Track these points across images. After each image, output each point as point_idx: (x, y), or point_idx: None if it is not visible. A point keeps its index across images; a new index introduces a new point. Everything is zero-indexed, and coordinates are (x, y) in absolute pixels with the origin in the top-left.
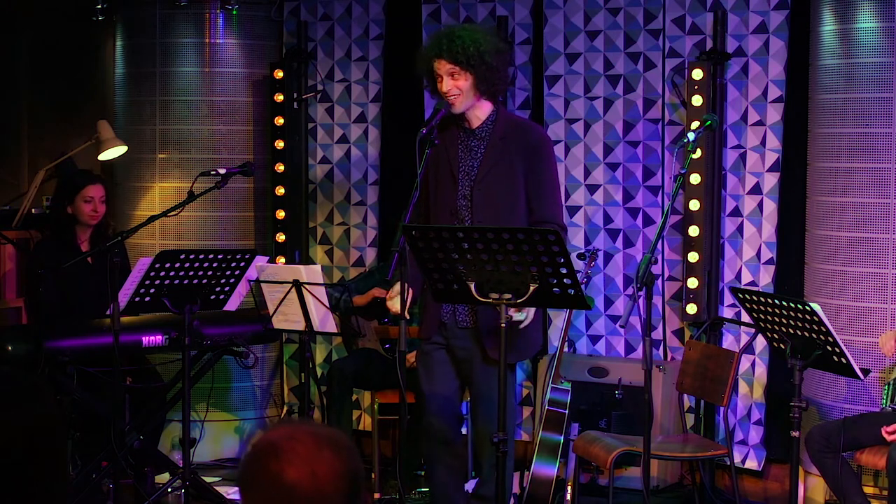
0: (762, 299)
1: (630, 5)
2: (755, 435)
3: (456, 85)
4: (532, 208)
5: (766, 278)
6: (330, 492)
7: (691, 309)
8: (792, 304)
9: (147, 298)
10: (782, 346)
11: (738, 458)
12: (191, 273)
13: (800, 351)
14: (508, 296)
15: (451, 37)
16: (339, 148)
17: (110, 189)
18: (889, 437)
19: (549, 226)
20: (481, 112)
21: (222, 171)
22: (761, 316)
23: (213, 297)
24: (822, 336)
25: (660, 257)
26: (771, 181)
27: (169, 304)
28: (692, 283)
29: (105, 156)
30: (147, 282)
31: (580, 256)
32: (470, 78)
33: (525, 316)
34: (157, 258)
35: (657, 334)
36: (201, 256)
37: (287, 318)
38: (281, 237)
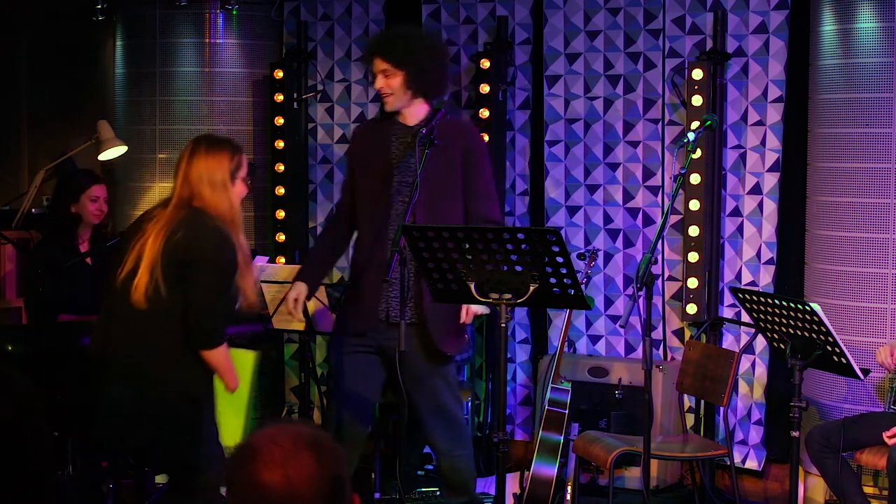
0: (762, 299)
1: (630, 5)
2: (755, 435)
3: (388, 83)
4: (469, 207)
5: (766, 278)
6: (305, 495)
7: (691, 309)
8: (792, 304)
9: None
10: (782, 346)
11: (738, 458)
12: None
13: (800, 351)
14: (508, 296)
15: (388, 37)
16: (339, 148)
17: (111, 189)
18: (890, 442)
19: (487, 223)
20: (418, 111)
21: None
22: (761, 316)
23: None
24: (822, 336)
25: (660, 257)
26: (771, 181)
27: None
28: (692, 283)
29: (105, 156)
30: None
31: (580, 256)
32: (401, 77)
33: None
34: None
35: (657, 334)
36: None
37: (287, 318)
38: (281, 237)
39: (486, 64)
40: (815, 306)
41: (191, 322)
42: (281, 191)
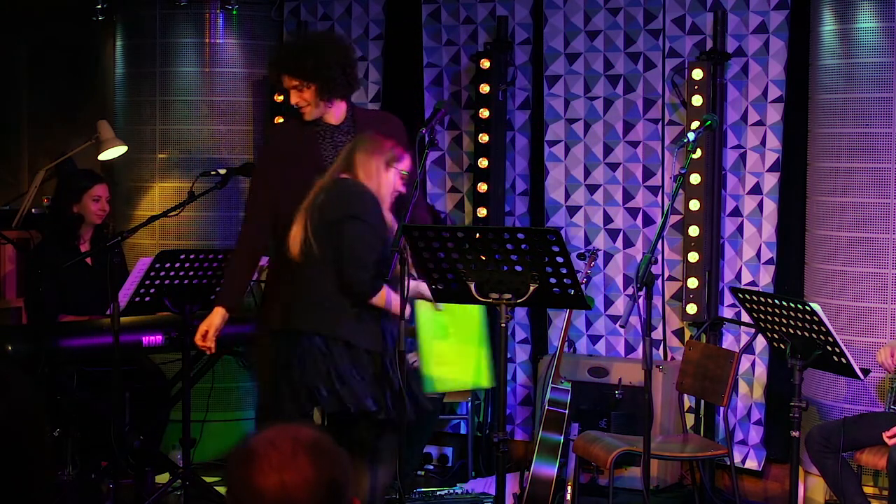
0: (762, 299)
1: (630, 5)
2: (755, 435)
3: (301, 97)
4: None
5: (766, 278)
6: (301, 500)
7: (691, 309)
8: (792, 304)
9: (147, 298)
10: (782, 346)
11: (738, 458)
12: (191, 273)
13: (800, 351)
14: (508, 296)
15: (293, 52)
16: None
17: (111, 189)
18: (890, 442)
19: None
20: (338, 111)
21: (222, 171)
22: (761, 316)
23: (213, 297)
24: (822, 336)
25: (660, 257)
26: (771, 181)
27: (169, 304)
28: (692, 283)
29: (105, 156)
30: (147, 282)
31: (580, 256)
32: (313, 90)
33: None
34: (157, 258)
35: (657, 334)
36: (201, 256)
37: None
38: None
39: (486, 64)
40: (815, 306)
41: (345, 277)
42: None
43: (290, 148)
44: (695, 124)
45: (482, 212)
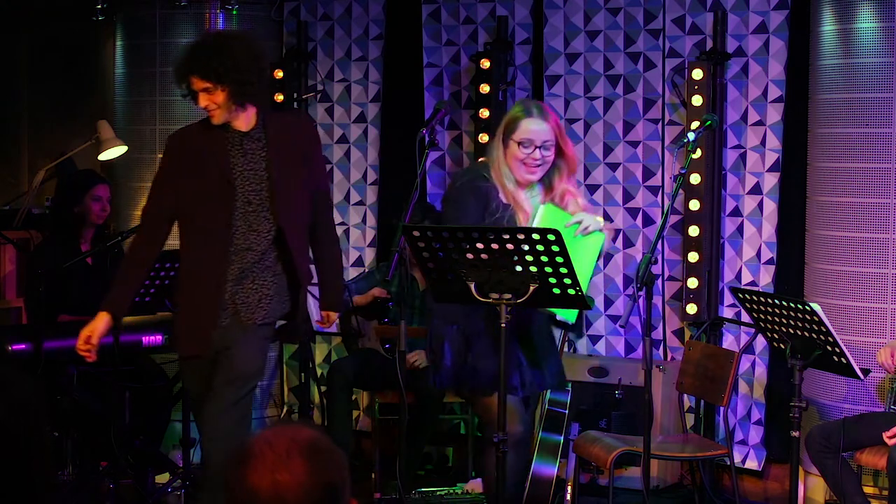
0: (762, 299)
1: (630, 5)
2: (755, 435)
3: (212, 100)
4: (315, 199)
5: (766, 278)
6: (294, 500)
7: (691, 309)
8: (792, 304)
9: (147, 298)
10: (782, 346)
11: (738, 458)
12: None
13: (800, 351)
14: (508, 296)
15: (202, 54)
16: (339, 148)
17: (112, 189)
18: (890, 442)
19: (330, 206)
20: (248, 116)
21: None
22: (761, 316)
23: None
24: (822, 336)
25: (660, 257)
26: (771, 181)
27: (169, 304)
28: (692, 283)
29: (105, 156)
30: (147, 282)
31: None
32: (224, 92)
33: None
34: (157, 258)
35: (657, 334)
36: None
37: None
38: None
39: (486, 64)
40: (815, 306)
41: None
42: None
43: (194, 157)
44: (695, 124)
45: None
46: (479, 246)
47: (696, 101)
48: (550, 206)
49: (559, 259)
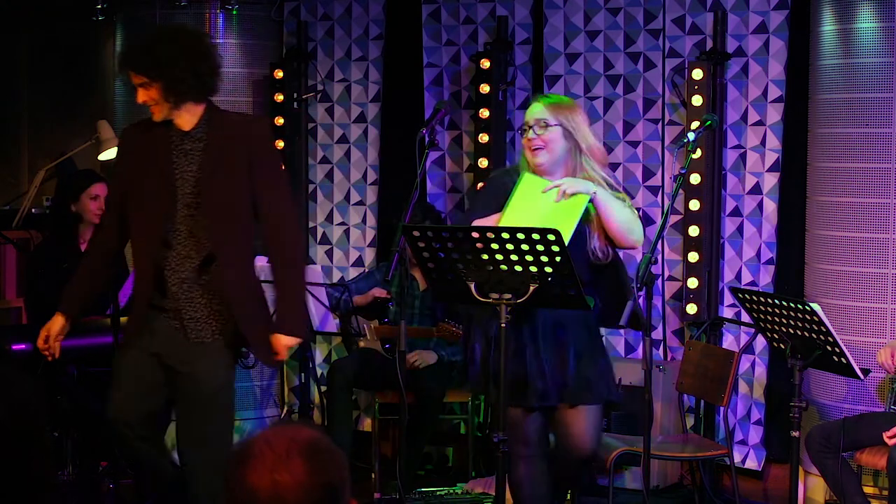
0: (762, 299)
1: (630, 5)
2: (755, 435)
3: (149, 95)
4: (262, 206)
5: (766, 278)
6: (293, 500)
7: (691, 309)
8: (792, 304)
9: None
10: (782, 346)
11: (738, 458)
12: None
13: (800, 351)
14: (508, 296)
15: (138, 48)
16: (339, 148)
17: None
18: (890, 442)
19: (284, 223)
20: (191, 114)
21: None
22: (761, 316)
23: None
24: (822, 336)
25: (660, 257)
26: (771, 181)
27: None
28: (692, 283)
29: (105, 156)
30: None
31: None
32: (158, 87)
33: None
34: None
35: (657, 334)
36: None
37: None
38: None
39: (486, 64)
40: (815, 306)
41: None
42: None
43: (140, 153)
44: (695, 124)
45: None
46: (479, 246)
47: (696, 101)
48: (528, 175)
49: (559, 259)
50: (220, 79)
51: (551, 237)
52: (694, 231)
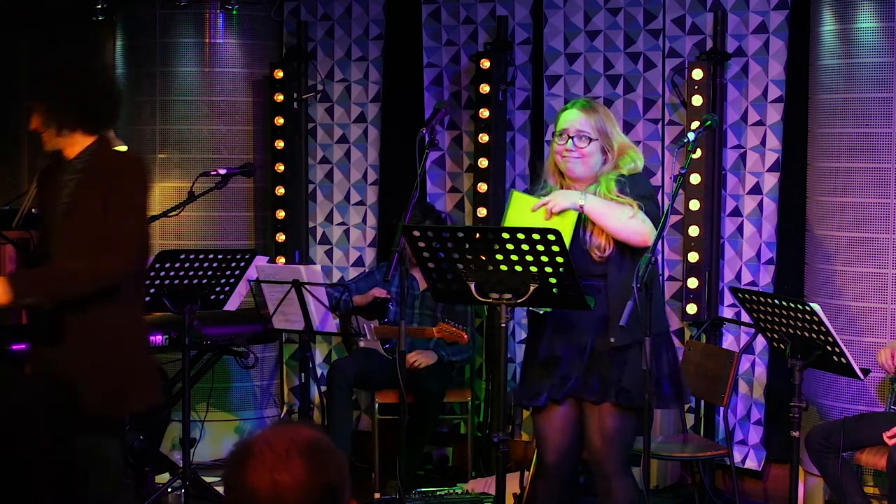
0: (762, 299)
1: (630, 5)
2: (755, 435)
3: (35, 121)
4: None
5: (766, 278)
6: (292, 500)
7: (691, 309)
8: (792, 304)
9: (147, 298)
10: (782, 346)
11: (738, 458)
12: (191, 273)
13: (800, 351)
14: (508, 296)
15: (39, 74)
16: (339, 148)
17: None
18: (890, 442)
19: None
20: (75, 145)
21: (222, 171)
22: (761, 316)
23: (213, 297)
24: (822, 336)
25: (660, 257)
26: (771, 181)
27: (169, 304)
28: (692, 283)
29: None
30: (147, 282)
31: None
32: (41, 113)
33: None
34: (156, 258)
35: None
36: (201, 256)
37: (287, 318)
38: (281, 237)
39: (486, 64)
40: (815, 306)
41: None
42: (281, 191)
43: (43, 191)
44: (695, 124)
45: (482, 212)
46: (479, 246)
47: (696, 101)
48: (517, 193)
49: (559, 259)
50: (114, 113)
51: (551, 237)
52: (694, 231)
